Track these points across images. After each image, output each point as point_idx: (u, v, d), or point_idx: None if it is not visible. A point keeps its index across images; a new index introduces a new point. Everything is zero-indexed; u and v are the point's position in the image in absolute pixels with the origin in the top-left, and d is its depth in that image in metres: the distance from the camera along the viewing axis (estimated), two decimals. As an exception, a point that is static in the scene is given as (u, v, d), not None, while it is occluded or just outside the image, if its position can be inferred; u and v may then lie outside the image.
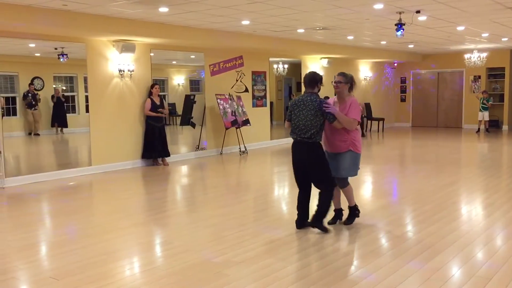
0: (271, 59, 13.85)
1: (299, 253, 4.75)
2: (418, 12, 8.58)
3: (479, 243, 4.93)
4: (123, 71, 9.83)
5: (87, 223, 6.01)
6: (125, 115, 9.99)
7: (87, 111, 9.55)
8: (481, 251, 4.69)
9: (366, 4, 7.99)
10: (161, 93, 10.82)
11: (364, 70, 17.78)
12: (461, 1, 7.85)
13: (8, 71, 9.05)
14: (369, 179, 8.77)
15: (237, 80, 12.68)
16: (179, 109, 12.11)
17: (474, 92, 17.71)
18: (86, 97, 9.61)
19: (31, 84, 9.58)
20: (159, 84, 10.64)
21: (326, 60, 15.02)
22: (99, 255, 4.70)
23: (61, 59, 9.52)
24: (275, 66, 14.42)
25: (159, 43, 10.31)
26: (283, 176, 9.00)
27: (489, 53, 16.39)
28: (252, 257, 4.56)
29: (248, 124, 12.21)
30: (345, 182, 5.55)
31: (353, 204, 5.63)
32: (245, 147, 12.14)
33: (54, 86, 10.05)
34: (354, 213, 5.64)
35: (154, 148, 10.21)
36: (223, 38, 10.64)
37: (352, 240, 5.16)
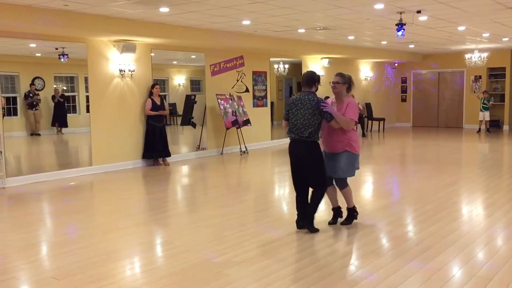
0: (272, 59, 13.85)
1: (300, 253, 4.75)
2: (419, 12, 8.58)
3: (480, 243, 4.93)
4: (124, 71, 9.84)
5: (88, 223, 6.01)
6: (126, 115, 10.00)
7: (88, 111, 9.55)
8: (482, 251, 4.69)
9: (367, 4, 7.98)
10: (162, 93, 10.82)
11: (365, 70, 17.77)
12: (462, 1, 7.85)
13: (9, 71, 9.05)
14: (370, 179, 8.77)
15: (238, 80, 12.69)
16: (180, 109, 12.11)
17: (475, 92, 17.69)
18: (87, 97, 9.61)
19: (32, 85, 9.59)
20: (160, 84, 10.65)
21: (327, 60, 15.02)
22: (100, 255, 4.71)
23: (62, 59, 9.53)
24: (276, 66, 14.42)
25: (160, 43, 10.31)
26: (284, 176, 8.99)
27: (490, 53, 16.38)
28: (253, 257, 4.57)
29: (249, 124, 12.21)
30: (344, 183, 5.54)
31: (352, 206, 5.63)
32: (246, 147, 12.14)
33: (55, 86, 10.05)
34: (353, 215, 5.64)
35: (155, 148, 10.22)
36: (224, 38, 10.64)
37: (353, 240, 5.16)
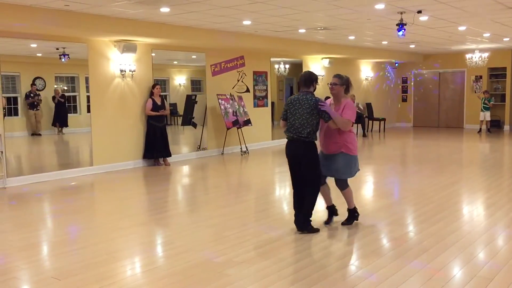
0: (272, 59, 13.85)
1: (300, 253, 4.75)
2: (420, 12, 8.57)
3: (481, 244, 4.92)
4: (125, 71, 9.85)
5: (89, 223, 6.02)
6: (127, 115, 10.00)
7: (89, 111, 9.56)
8: (483, 252, 4.69)
9: (367, 4, 7.98)
10: (163, 93, 10.83)
11: (366, 70, 17.77)
12: (463, 1, 7.84)
13: (10, 71, 9.04)
14: (371, 179, 8.77)
15: (238, 80, 12.69)
16: (181, 109, 12.11)
17: (476, 92, 17.69)
18: (88, 97, 9.61)
19: (33, 85, 9.59)
20: (160, 84, 10.66)
21: (327, 60, 15.02)
22: (101, 255, 4.71)
23: (63, 59, 9.53)
24: (276, 66, 14.42)
25: (161, 43, 10.31)
26: (284, 176, 8.98)
27: (491, 53, 16.37)
28: (254, 257, 4.57)
29: (250, 124, 12.21)
30: (344, 184, 5.54)
31: (353, 207, 5.63)
32: (247, 147, 12.14)
33: (55, 87, 10.05)
34: (354, 215, 5.64)
35: (156, 148, 10.22)
36: (224, 38, 10.65)
37: (353, 241, 5.16)
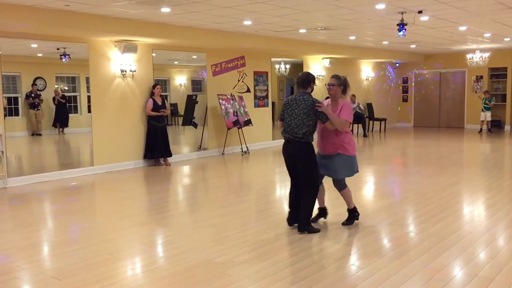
0: (273, 59, 13.85)
1: (301, 253, 4.75)
2: (420, 12, 8.57)
3: (482, 244, 4.92)
4: (125, 71, 9.85)
5: (89, 223, 6.02)
6: (127, 115, 10.00)
7: (89, 111, 9.56)
8: (484, 252, 4.69)
9: (368, 4, 7.98)
10: (163, 93, 10.83)
11: (366, 70, 17.76)
12: (463, 1, 7.84)
13: (11, 72, 9.04)
14: (371, 179, 8.77)
15: (239, 80, 12.69)
16: (181, 109, 12.11)
17: (476, 92, 17.68)
18: (88, 97, 9.61)
19: (34, 85, 9.59)
20: (161, 84, 10.66)
21: (328, 60, 15.01)
22: (101, 255, 4.71)
23: (63, 60, 9.54)
24: (277, 66, 14.41)
25: (161, 43, 10.31)
26: (285, 176, 8.90)
27: (492, 53, 16.35)
28: (254, 257, 4.57)
29: (250, 124, 12.21)
30: (342, 185, 5.54)
31: (352, 207, 5.63)
32: (247, 147, 12.14)
33: (56, 87, 10.04)
34: (354, 215, 5.64)
35: (156, 148, 10.22)
36: (225, 38, 10.65)
37: (354, 241, 5.15)
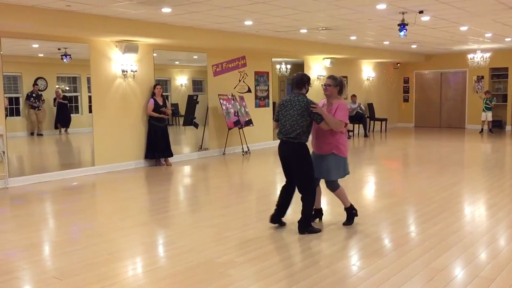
0: (274, 60, 13.85)
1: (302, 254, 4.75)
2: (421, 12, 8.56)
3: (483, 244, 4.92)
4: (126, 72, 9.86)
5: (90, 223, 6.02)
6: (128, 116, 10.01)
7: (90, 112, 9.56)
8: (485, 252, 4.69)
9: (369, 5, 7.98)
10: (164, 94, 10.83)
11: (367, 70, 17.76)
12: (464, 1, 7.84)
13: (12, 72, 9.05)
14: (372, 179, 8.77)
15: (240, 81, 12.69)
16: (182, 110, 12.12)
17: (477, 93, 17.67)
18: (89, 98, 9.62)
19: (35, 85, 9.60)
20: (162, 85, 10.66)
21: (329, 60, 15.00)
22: (102, 255, 4.71)
23: (64, 60, 9.54)
24: (278, 67, 14.41)
25: (162, 44, 10.32)
26: (286, 177, 8.98)
27: (492, 53, 16.33)
28: (255, 258, 4.57)
29: (251, 125, 12.21)
30: (335, 186, 5.53)
31: (348, 205, 5.62)
32: (248, 148, 12.14)
33: (57, 87, 10.05)
34: (352, 213, 5.62)
35: (157, 148, 10.23)
36: (226, 39, 10.65)
37: (355, 241, 5.15)
